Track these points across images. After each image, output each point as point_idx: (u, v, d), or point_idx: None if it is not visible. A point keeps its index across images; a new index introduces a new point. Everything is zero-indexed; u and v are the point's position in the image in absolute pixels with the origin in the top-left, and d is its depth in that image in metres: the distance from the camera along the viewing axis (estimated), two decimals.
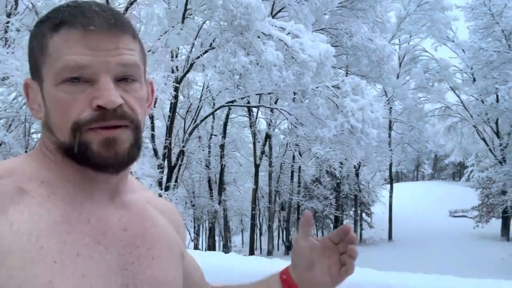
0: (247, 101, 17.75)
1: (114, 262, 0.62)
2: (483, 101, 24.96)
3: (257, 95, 16.59)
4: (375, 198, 28.92)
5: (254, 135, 21.91)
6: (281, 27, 12.93)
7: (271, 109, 18.86)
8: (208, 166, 22.22)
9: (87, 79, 0.59)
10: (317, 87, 14.06)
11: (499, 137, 24.88)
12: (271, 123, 21.20)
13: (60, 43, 0.60)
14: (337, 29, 19.52)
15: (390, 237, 27.52)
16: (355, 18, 19.70)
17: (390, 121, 26.92)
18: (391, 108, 26.75)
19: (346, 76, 17.84)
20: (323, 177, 25.94)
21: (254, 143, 21.99)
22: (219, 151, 21.81)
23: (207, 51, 14.23)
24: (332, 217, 25.82)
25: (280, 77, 12.54)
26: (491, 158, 26.20)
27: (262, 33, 12.31)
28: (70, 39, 0.59)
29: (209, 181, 22.96)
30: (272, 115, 20.44)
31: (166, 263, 0.69)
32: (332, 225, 27.45)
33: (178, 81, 13.63)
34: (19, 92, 9.75)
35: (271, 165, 22.94)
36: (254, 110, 20.83)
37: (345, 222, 28.68)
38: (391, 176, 29.85)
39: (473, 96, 26.57)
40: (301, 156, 21.20)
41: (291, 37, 12.55)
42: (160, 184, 14.22)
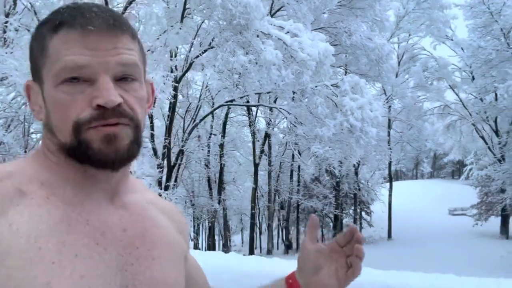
0: (246, 100, 17.74)
1: (113, 262, 0.62)
2: (482, 100, 24.97)
3: (256, 94, 16.58)
4: (375, 196, 28.94)
5: (253, 134, 21.90)
6: (280, 26, 12.92)
7: (270, 108, 18.85)
8: (207, 165, 22.22)
9: (86, 79, 0.59)
10: (316, 86, 14.05)
11: (498, 135, 24.90)
12: (271, 122, 21.21)
13: (59, 44, 0.60)
14: (336, 28, 19.51)
15: (389, 235, 27.55)
16: (354, 17, 19.70)
17: (389, 120, 26.94)
18: (390, 106, 26.77)
19: (345, 75, 17.82)
20: (322, 176, 25.96)
21: (253, 142, 21.98)
22: (219, 150, 21.81)
23: (206, 50, 14.22)
24: (331, 215, 25.83)
25: (279, 76, 12.54)
26: (490, 156, 26.21)
27: (261, 32, 12.30)
28: (69, 40, 0.59)
29: (208, 180, 22.96)
30: (271, 114, 20.44)
31: (167, 264, 0.68)
32: (331, 224, 27.46)
33: (177, 81, 13.62)
34: (18, 92, 9.73)
35: (270, 164, 22.95)
36: (253, 109, 20.82)
37: (344, 221, 28.71)
38: (390, 174, 29.87)
39: (472, 94, 26.58)
40: (300, 155, 21.21)
41: (290, 36, 12.55)
42: (159, 183, 14.22)
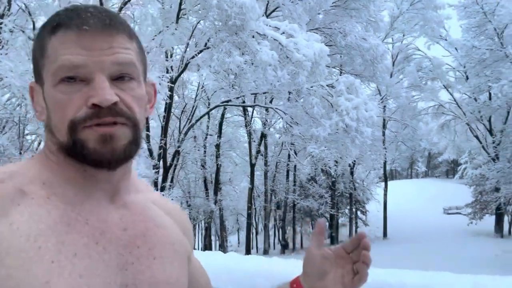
0: (242, 100, 17.74)
1: (113, 262, 0.62)
2: (476, 99, 25.14)
3: (252, 94, 16.59)
4: (370, 196, 29.04)
5: (249, 134, 21.90)
6: (275, 27, 12.95)
7: (266, 109, 18.87)
8: (203, 166, 22.20)
9: (82, 78, 0.60)
10: (311, 86, 14.09)
11: (492, 134, 25.07)
12: (266, 123, 21.22)
13: (57, 44, 0.61)
14: (331, 28, 19.58)
15: (385, 234, 27.65)
16: (348, 17, 19.78)
17: (384, 120, 27.05)
18: (385, 106, 26.89)
19: (340, 75, 17.89)
20: (318, 176, 26.00)
21: (249, 143, 21.98)
22: (215, 150, 21.79)
23: (201, 51, 14.21)
24: (327, 215, 25.89)
25: (275, 76, 12.57)
26: (484, 155, 26.40)
27: (256, 32, 12.31)
28: (66, 41, 0.60)
29: (204, 181, 22.93)
30: (267, 114, 20.45)
31: (169, 264, 0.68)
32: (327, 223, 27.51)
33: (173, 81, 13.61)
34: (13, 93, 9.67)
35: (266, 164, 22.96)
36: (249, 109, 20.82)
37: (340, 220, 28.80)
38: (385, 174, 29.98)
39: (466, 94, 26.75)
40: (296, 155, 21.26)
41: (286, 37, 12.57)
42: (155, 184, 14.18)
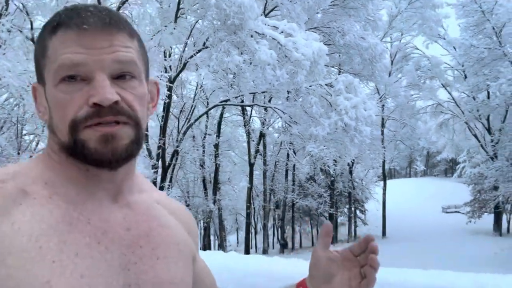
0: (241, 100, 17.73)
1: (115, 261, 0.61)
2: (474, 98, 25.18)
3: (251, 94, 16.58)
4: (369, 195, 29.08)
5: (248, 134, 21.89)
6: (274, 26, 12.93)
7: (265, 108, 18.87)
8: (202, 165, 22.17)
9: (83, 77, 0.60)
10: (310, 86, 14.09)
11: (490, 133, 25.12)
12: (265, 122, 21.22)
13: (57, 44, 0.61)
14: (330, 27, 19.58)
15: (384, 233, 27.69)
16: (347, 16, 19.78)
17: (382, 119, 27.09)
18: (383, 105, 26.92)
19: (339, 74, 17.89)
20: (317, 175, 26.03)
21: (248, 142, 21.98)
22: (214, 150, 21.78)
23: (200, 50, 14.20)
24: (326, 214, 25.92)
25: (273, 76, 12.56)
26: (482, 154, 26.45)
27: (255, 32, 12.30)
28: (66, 40, 0.60)
29: (203, 180, 22.91)
30: (266, 113, 20.45)
31: (173, 264, 0.68)
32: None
33: (171, 81, 13.59)
34: (10, 93, 9.65)
35: (265, 163, 22.97)
36: (248, 109, 20.82)
37: (339, 219, 28.82)
38: (384, 173, 30.03)
39: (464, 93, 26.81)
40: (295, 154, 21.26)
41: (284, 36, 12.56)
42: (154, 184, 14.15)
